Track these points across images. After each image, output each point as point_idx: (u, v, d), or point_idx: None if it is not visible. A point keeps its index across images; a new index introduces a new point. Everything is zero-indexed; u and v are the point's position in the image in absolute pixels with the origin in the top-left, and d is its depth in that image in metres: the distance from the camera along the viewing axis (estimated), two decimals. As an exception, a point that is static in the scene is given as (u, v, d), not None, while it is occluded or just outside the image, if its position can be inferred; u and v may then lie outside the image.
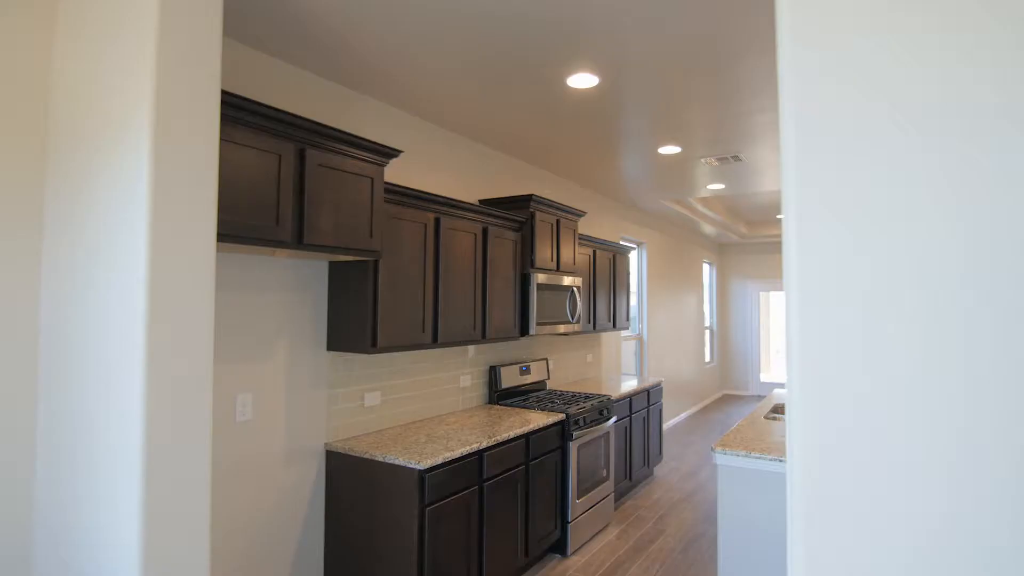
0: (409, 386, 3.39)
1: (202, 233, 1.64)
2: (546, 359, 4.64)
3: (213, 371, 2.09)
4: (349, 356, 3.01)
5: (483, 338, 3.50)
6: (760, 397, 10.49)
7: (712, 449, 2.86)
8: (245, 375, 2.50)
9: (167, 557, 1.58)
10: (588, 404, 3.96)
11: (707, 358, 10.08)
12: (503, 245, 3.69)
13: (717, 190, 5.57)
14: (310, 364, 2.80)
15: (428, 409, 3.54)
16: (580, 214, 4.46)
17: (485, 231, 3.53)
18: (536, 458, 3.42)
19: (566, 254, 4.28)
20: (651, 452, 5.27)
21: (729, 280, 10.91)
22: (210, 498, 1.69)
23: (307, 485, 2.78)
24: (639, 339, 7.19)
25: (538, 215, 3.95)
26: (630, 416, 4.80)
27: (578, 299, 4.36)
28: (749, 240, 10.23)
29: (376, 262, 2.75)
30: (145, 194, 1.51)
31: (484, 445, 2.94)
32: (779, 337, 10.59)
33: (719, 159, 4.39)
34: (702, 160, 4.43)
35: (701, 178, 5.09)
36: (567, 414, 3.70)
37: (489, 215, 3.55)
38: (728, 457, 2.83)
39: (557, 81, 2.92)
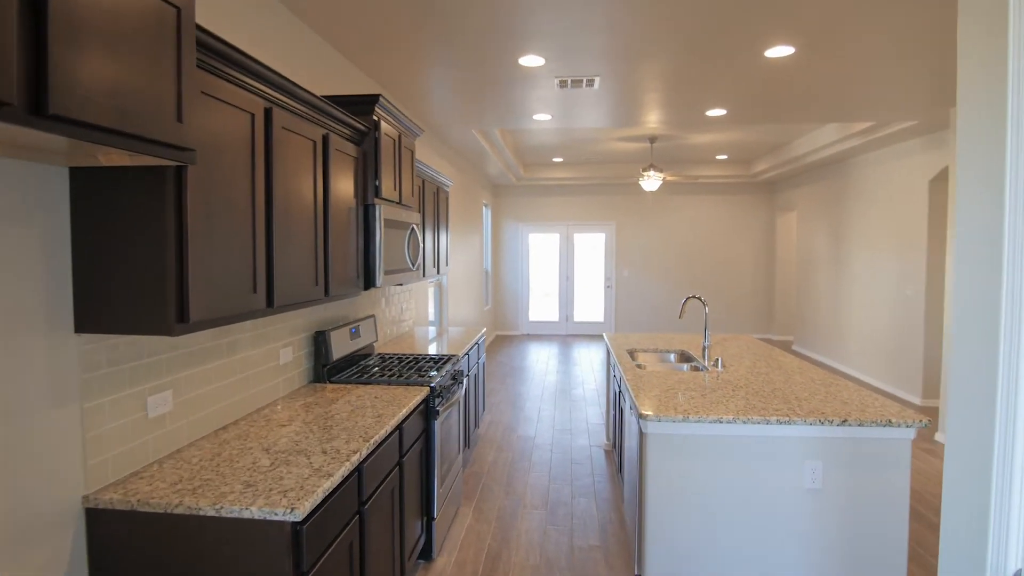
0: (214, 373, 2.19)
1: None
2: (373, 316, 3.68)
3: None
4: (121, 341, 1.73)
5: (326, 295, 2.45)
6: (529, 336, 10.85)
7: (641, 417, 2.41)
8: None
9: None
10: (443, 371, 3.20)
11: (485, 302, 9.95)
12: (344, 163, 2.62)
13: (542, 120, 5.09)
14: (41, 362, 1.48)
15: (243, 403, 2.38)
16: (419, 132, 3.53)
17: (326, 140, 2.42)
18: (407, 451, 2.58)
19: (407, 182, 3.34)
20: (479, 410, 4.76)
21: (503, 222, 10.86)
22: None
23: (54, 581, 1.51)
24: (439, 285, 6.53)
25: (383, 126, 2.92)
26: (468, 375, 4.18)
27: (419, 240, 3.48)
28: (524, 182, 10.23)
29: (182, 171, 1.53)
30: None
31: (364, 454, 2.01)
32: (541, 277, 10.98)
33: (573, 80, 3.86)
34: (555, 79, 3.85)
35: (535, 103, 4.53)
36: (431, 387, 2.90)
37: (332, 116, 2.43)
38: (664, 424, 2.42)
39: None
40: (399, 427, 2.44)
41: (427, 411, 2.89)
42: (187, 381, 2.04)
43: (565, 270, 10.89)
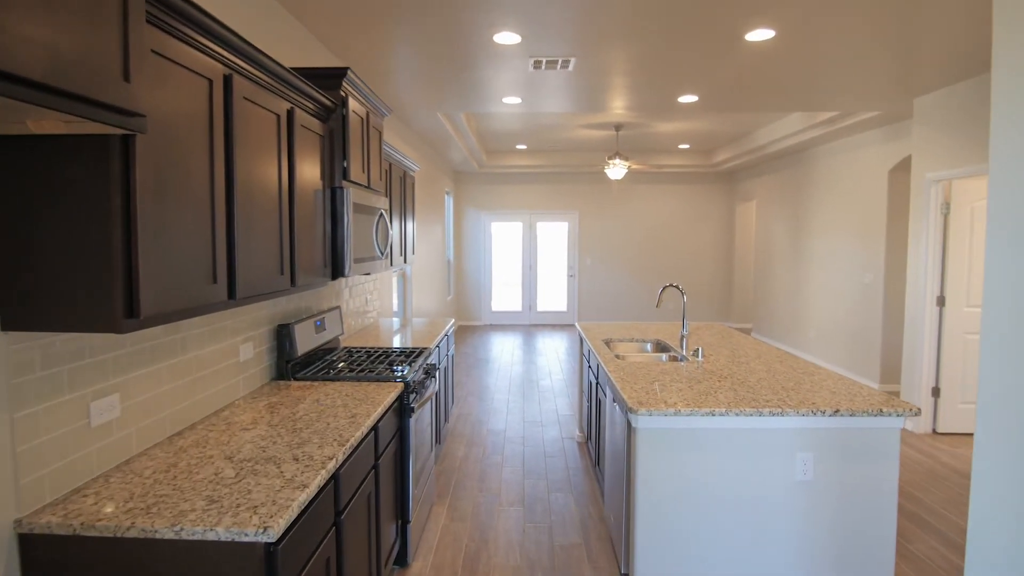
0: (166, 373, 1.97)
1: None
2: (338, 307, 3.47)
3: None
4: (58, 339, 1.50)
5: (292, 285, 2.24)
6: (492, 326, 10.70)
7: (630, 411, 2.30)
8: None
9: None
10: (416, 365, 3.03)
11: (448, 292, 9.75)
12: (310, 141, 2.40)
13: (512, 104, 4.93)
14: (-39, 365, 1.25)
15: (200, 405, 2.16)
16: (387, 111, 3.31)
17: (291, 114, 2.20)
18: (383, 452, 2.41)
19: (375, 165, 3.13)
20: (448, 404, 4.60)
21: (464, 210, 10.64)
22: None
23: (-20, 621, 1.30)
24: (403, 275, 6.31)
25: (351, 103, 2.71)
26: (439, 368, 4.01)
27: (388, 227, 3.28)
28: (487, 169, 10.04)
29: (130, 142, 1.32)
30: None
31: (340, 459, 1.83)
32: (504, 266, 10.84)
33: (549, 61, 3.71)
34: (530, 59, 3.69)
35: (506, 85, 4.36)
36: (406, 383, 2.72)
37: (297, 89, 2.21)
38: (654, 418, 2.32)
39: None
40: (374, 427, 2.27)
41: (401, 408, 2.72)
42: (136, 383, 1.81)
43: (528, 259, 10.78)
